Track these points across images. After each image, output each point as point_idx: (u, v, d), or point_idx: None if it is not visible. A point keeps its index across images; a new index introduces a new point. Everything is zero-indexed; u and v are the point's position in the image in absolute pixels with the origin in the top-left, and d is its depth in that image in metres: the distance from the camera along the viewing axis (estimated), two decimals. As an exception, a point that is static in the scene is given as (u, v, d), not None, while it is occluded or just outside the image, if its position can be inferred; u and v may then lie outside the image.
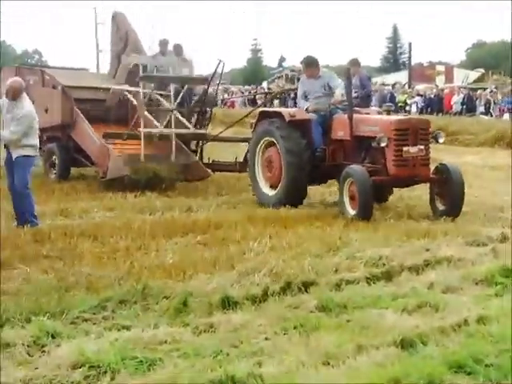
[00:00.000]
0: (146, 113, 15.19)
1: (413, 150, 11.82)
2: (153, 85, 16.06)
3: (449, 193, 11.93)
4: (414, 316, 6.81)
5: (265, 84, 62.19)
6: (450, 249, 9.26)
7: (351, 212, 11.51)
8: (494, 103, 34.99)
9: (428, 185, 12.43)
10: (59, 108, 15.61)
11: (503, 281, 7.97)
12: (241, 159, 15.25)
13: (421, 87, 44.59)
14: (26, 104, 10.64)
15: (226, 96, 38.39)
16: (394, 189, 13.24)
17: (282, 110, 14.20)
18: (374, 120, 12.54)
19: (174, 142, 15.11)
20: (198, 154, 16.13)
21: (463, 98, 36.60)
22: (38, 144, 10.86)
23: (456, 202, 11.89)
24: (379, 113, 13.49)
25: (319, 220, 11.24)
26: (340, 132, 12.66)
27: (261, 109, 15.52)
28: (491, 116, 33.72)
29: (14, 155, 10.59)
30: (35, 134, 10.71)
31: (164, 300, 7.07)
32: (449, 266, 8.64)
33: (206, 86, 16.52)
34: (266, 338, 6.17)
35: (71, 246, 9.28)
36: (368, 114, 13.19)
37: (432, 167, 12.28)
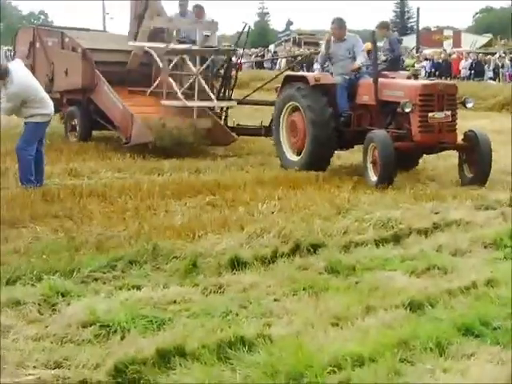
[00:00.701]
0: (169, 79, 14.82)
1: (439, 115, 11.52)
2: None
3: (476, 161, 11.60)
4: (422, 278, 6.85)
5: (272, 47, 61.83)
6: (459, 212, 9.27)
7: (373, 178, 11.28)
8: (503, 68, 34.76)
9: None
10: (79, 71, 15.13)
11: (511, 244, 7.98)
12: (266, 123, 15.00)
13: (428, 52, 44.32)
14: (16, 79, 10.35)
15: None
16: (428, 156, 12.95)
17: (307, 74, 13.90)
18: (400, 84, 12.22)
19: (195, 109, 14.79)
20: (223, 118, 15.69)
21: (471, 63, 36.37)
22: (50, 110, 10.73)
23: (484, 170, 11.57)
24: (408, 77, 13.16)
25: (328, 182, 11.25)
26: (365, 96, 12.37)
27: (286, 73, 15.12)
28: (499, 81, 33.50)
29: (24, 120, 10.62)
30: (41, 101, 10.57)
31: (174, 260, 7.11)
32: (457, 229, 8.65)
33: (231, 51, 16.19)
34: (275, 299, 6.20)
35: (80, 206, 9.29)
36: (395, 78, 12.80)
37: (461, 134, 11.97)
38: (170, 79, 14.82)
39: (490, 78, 34.27)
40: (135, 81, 15.55)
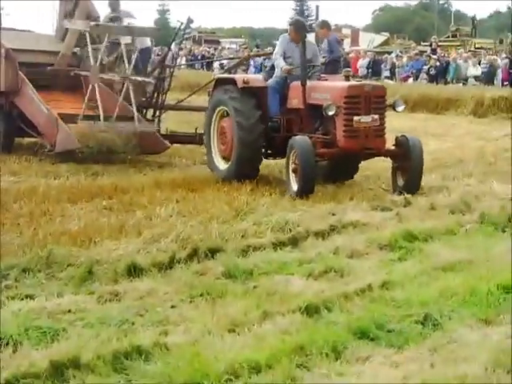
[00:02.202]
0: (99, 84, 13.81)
1: (365, 119, 10.83)
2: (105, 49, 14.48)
3: (407, 167, 11.04)
4: (319, 281, 6.90)
5: (173, 46, 61.40)
6: (356, 213, 9.37)
7: (294, 187, 10.65)
8: (399, 67, 35.39)
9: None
10: (2, 73, 14.19)
11: (406, 245, 8.13)
12: (202, 130, 13.49)
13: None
14: None
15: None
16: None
17: (236, 76, 13.05)
18: (326, 87, 11.50)
19: (134, 108, 13.78)
20: (156, 125, 14.77)
21: (369, 62, 36.90)
22: None
23: (414, 177, 11.04)
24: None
25: (226, 184, 11.23)
26: (295, 100, 11.61)
27: (217, 75, 14.62)
28: (395, 80, 34.10)
29: None
30: None
31: (69, 268, 6.99)
32: (354, 230, 8.75)
33: (167, 48, 15.60)
34: (172, 306, 6.17)
35: (-28, 212, 9.04)
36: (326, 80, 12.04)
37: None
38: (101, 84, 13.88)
39: (387, 77, 34.83)
40: (63, 84, 14.72)
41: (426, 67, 33.12)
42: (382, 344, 5.39)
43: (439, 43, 42.49)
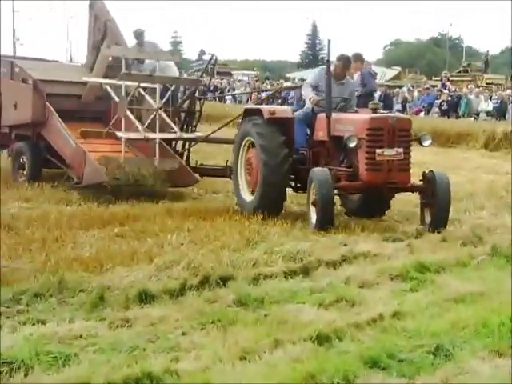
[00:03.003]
0: (128, 113, 13.48)
1: (388, 152, 10.50)
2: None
3: (434, 204, 10.65)
4: (330, 311, 6.88)
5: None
6: (367, 244, 9.37)
7: (313, 220, 10.38)
8: (410, 101, 35.48)
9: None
10: (30, 104, 13.94)
11: (418, 276, 8.11)
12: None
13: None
14: None
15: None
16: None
17: (263, 106, 12.45)
18: (350, 119, 11.16)
19: (157, 147, 13.55)
20: (185, 157, 14.45)
21: (380, 95, 37.02)
22: None
23: (441, 214, 10.61)
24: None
25: (237, 213, 11.25)
26: (320, 132, 11.32)
27: (246, 106, 14.17)
28: (406, 114, 34.16)
29: None
30: None
31: (80, 294, 6.99)
32: (365, 260, 8.75)
33: (198, 81, 15.11)
34: (183, 333, 6.15)
35: (-15, 238, 9.08)
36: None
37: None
38: (129, 114, 13.53)
39: (398, 111, 34.90)
40: (91, 116, 14.55)
41: (437, 101, 33.18)
42: (393, 374, 5.37)
43: (450, 78, 42.60)
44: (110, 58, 14.59)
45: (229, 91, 15.00)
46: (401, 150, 10.57)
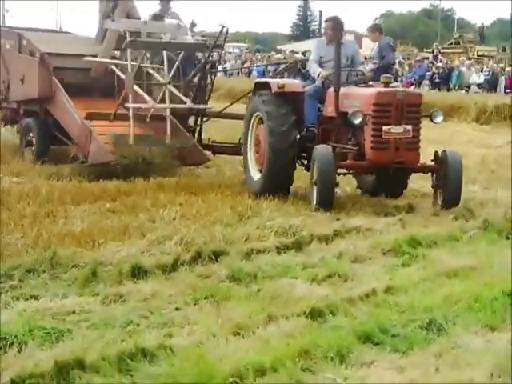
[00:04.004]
0: (135, 87, 12.87)
1: (396, 129, 9.98)
2: (146, 54, 13.72)
3: (445, 184, 10.30)
4: (323, 286, 6.90)
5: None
6: (359, 219, 9.39)
7: (314, 200, 9.99)
8: (401, 74, 35.41)
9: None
10: (36, 78, 13.40)
11: (410, 250, 8.14)
12: None
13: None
14: None
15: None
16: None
17: (272, 80, 11.91)
18: (357, 93, 10.59)
19: (168, 121, 12.93)
20: (197, 134, 13.93)
21: (371, 69, 36.92)
22: None
23: (453, 195, 10.21)
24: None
25: (229, 188, 11.23)
26: (329, 108, 10.72)
27: (256, 80, 13.45)
28: (398, 87, 34.08)
29: None
30: None
31: (73, 269, 6.98)
32: (358, 235, 8.76)
33: (207, 55, 14.17)
34: (177, 309, 6.16)
35: (-24, 213, 9.05)
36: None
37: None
38: (137, 88, 12.95)
39: (390, 84, 34.81)
40: (100, 90, 13.94)
41: (428, 74, 33.13)
42: (387, 349, 5.39)
43: (442, 50, 42.52)
44: (122, 31, 13.77)
45: (220, 64, 14.54)
46: (409, 127, 10.06)
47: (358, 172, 11.01)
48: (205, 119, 14.13)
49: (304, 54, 43.95)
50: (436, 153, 10.50)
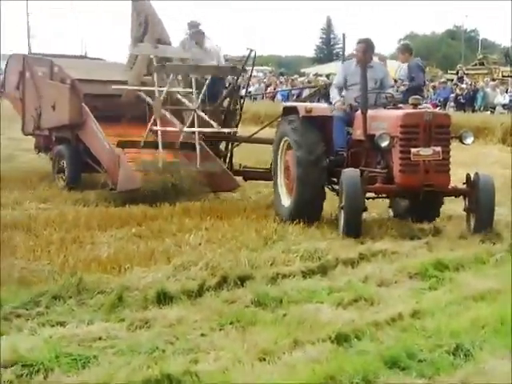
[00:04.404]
0: (164, 112, 12.98)
1: (424, 151, 9.79)
2: (176, 78, 13.76)
3: (477, 208, 10.03)
4: (349, 310, 6.87)
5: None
6: (385, 242, 9.35)
7: (341, 225, 9.79)
8: (426, 96, 35.33)
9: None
10: (67, 105, 13.43)
11: (437, 274, 8.09)
12: None
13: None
14: None
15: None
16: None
17: (300, 104, 11.80)
18: (385, 115, 10.41)
19: (198, 146, 12.84)
20: (228, 159, 13.82)
21: (396, 90, 36.88)
22: None
23: (485, 219, 9.93)
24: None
25: (255, 212, 11.23)
26: (358, 131, 10.56)
27: (284, 104, 13.21)
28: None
29: None
30: None
31: (99, 295, 7.00)
32: (383, 259, 8.73)
33: (235, 78, 14.12)
34: (202, 334, 6.16)
35: (4, 239, 9.11)
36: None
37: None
38: (165, 112, 13.08)
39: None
40: (131, 116, 13.76)
41: (453, 95, 33.03)
42: (413, 374, 5.37)
43: (466, 71, 42.39)
44: (152, 56, 13.67)
45: (244, 87, 14.37)
46: (438, 148, 9.83)
47: (388, 196, 10.84)
48: (235, 144, 14.01)
49: (328, 76, 44.04)
50: (468, 176, 10.24)
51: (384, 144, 9.87)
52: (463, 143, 10.55)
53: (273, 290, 7.32)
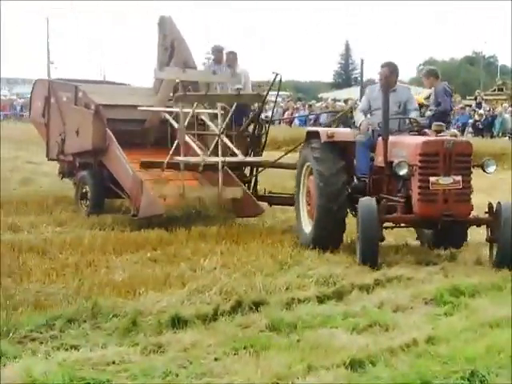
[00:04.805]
0: (187, 138, 12.84)
1: (444, 180, 9.55)
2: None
3: (498, 239, 9.65)
4: (363, 336, 6.84)
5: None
6: (401, 268, 9.32)
7: (358, 254, 9.62)
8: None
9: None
10: (90, 130, 13.30)
11: (452, 300, 8.05)
12: None
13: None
14: None
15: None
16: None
17: (322, 128, 11.54)
18: (405, 142, 10.12)
19: (221, 173, 12.77)
20: (252, 185, 13.72)
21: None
22: None
23: (506, 251, 9.49)
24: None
25: (270, 237, 11.21)
26: (380, 158, 10.28)
27: (308, 128, 12.88)
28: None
29: None
30: None
31: (113, 319, 7.01)
32: (399, 284, 8.70)
33: (260, 104, 14.02)
34: (216, 359, 6.14)
35: (19, 262, 9.14)
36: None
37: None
38: (188, 139, 12.92)
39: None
40: (154, 141, 13.71)
41: (471, 121, 33.02)
42: (428, 400, 5.32)
43: (484, 97, 42.36)
44: (178, 80, 13.67)
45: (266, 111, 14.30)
46: (459, 177, 9.59)
47: (405, 226, 10.62)
48: (260, 169, 13.89)
49: (345, 101, 44.09)
50: (490, 205, 9.90)
51: (402, 172, 9.65)
52: (485, 172, 10.24)
53: (287, 315, 7.30)
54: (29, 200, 14.09)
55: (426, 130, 10.65)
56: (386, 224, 9.97)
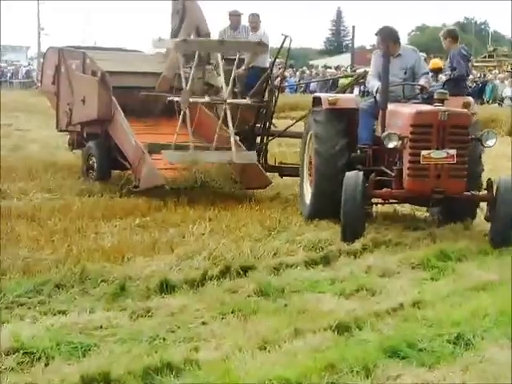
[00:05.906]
0: (191, 99, 12.10)
1: (436, 154, 8.90)
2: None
3: (495, 216, 9.12)
4: (350, 300, 6.91)
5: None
6: (389, 233, 9.35)
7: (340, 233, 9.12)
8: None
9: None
10: (95, 98, 12.83)
11: (439, 264, 8.11)
12: None
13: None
14: None
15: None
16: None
17: (324, 94, 11.02)
18: (400, 112, 9.49)
19: (232, 137, 11.98)
20: (262, 154, 13.05)
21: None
22: None
23: (503, 229, 8.92)
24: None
25: (259, 203, 11.24)
26: (379, 127, 9.75)
27: (315, 94, 12.31)
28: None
29: None
30: None
31: (102, 284, 7.03)
32: (387, 249, 8.74)
33: (270, 67, 13.47)
34: (204, 323, 6.19)
35: (8, 229, 9.13)
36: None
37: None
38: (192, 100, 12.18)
39: (422, 98, 34.69)
40: (164, 109, 13.19)
41: (461, 87, 32.96)
42: (413, 363, 5.37)
43: (475, 64, 42.28)
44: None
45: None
46: (453, 151, 8.90)
47: (394, 202, 10.21)
48: (270, 138, 13.36)
49: (336, 68, 43.97)
50: (489, 181, 9.31)
51: (391, 145, 9.07)
52: (484, 146, 9.52)
53: (275, 280, 7.34)
54: (18, 166, 14.04)
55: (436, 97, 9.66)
56: (376, 200, 9.74)
